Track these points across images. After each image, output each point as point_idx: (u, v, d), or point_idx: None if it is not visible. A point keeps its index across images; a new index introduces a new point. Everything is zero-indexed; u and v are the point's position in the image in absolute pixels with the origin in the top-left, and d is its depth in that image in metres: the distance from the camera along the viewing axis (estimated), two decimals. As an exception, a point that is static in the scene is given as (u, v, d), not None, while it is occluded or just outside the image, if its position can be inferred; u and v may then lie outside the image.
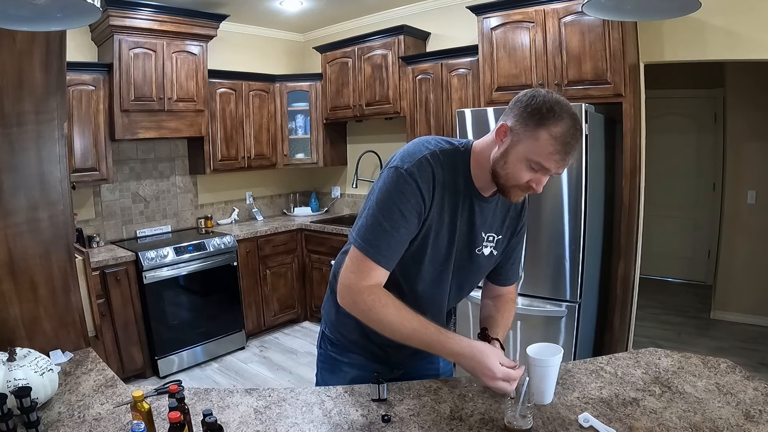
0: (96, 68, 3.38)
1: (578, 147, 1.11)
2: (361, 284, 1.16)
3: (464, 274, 1.33)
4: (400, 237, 1.16)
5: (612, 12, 1.50)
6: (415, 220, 1.16)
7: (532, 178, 1.13)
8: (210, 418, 1.03)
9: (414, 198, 1.14)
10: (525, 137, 1.10)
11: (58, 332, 1.67)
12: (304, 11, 4.19)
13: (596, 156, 2.75)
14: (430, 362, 1.51)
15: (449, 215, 1.21)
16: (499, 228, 1.33)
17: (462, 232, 1.25)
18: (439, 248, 1.24)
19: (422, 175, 1.15)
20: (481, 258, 1.31)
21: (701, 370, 1.39)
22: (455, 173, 1.20)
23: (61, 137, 1.65)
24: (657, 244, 4.85)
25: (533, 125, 1.09)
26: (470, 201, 1.24)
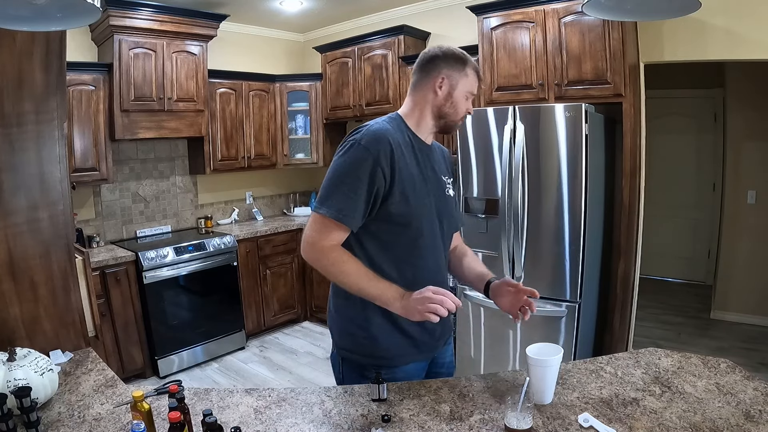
0: (96, 68, 3.38)
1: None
2: (323, 243, 1.29)
3: (446, 218, 1.46)
4: (359, 197, 1.27)
5: (612, 12, 1.50)
6: (372, 180, 1.26)
7: (468, 106, 1.42)
8: (210, 418, 1.03)
9: (367, 162, 1.26)
10: (460, 78, 1.38)
11: (58, 332, 1.67)
12: (304, 11, 4.19)
13: (596, 156, 2.75)
14: (447, 344, 1.58)
15: (416, 166, 1.37)
16: (447, 171, 1.53)
17: (431, 178, 1.41)
18: (421, 197, 1.36)
19: (376, 140, 1.28)
20: (450, 199, 1.49)
21: (701, 370, 1.39)
22: (402, 133, 1.38)
23: (61, 137, 1.65)
24: (657, 244, 4.84)
25: (461, 67, 1.38)
26: (423, 152, 1.41)
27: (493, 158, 2.88)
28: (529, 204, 2.77)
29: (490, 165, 2.89)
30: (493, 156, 2.87)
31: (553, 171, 2.67)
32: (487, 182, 2.92)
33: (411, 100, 1.42)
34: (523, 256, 2.81)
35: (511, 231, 2.83)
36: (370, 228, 1.34)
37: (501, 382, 1.39)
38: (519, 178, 2.77)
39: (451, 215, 1.49)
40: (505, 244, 2.86)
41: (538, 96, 3.01)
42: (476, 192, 2.97)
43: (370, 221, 1.32)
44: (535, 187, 2.74)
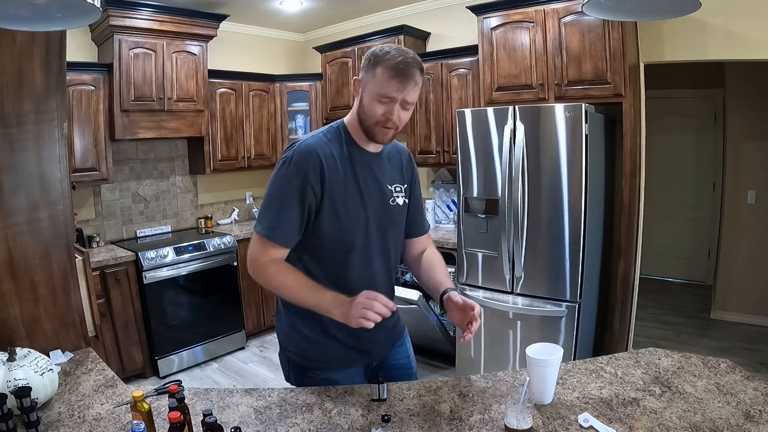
0: (96, 68, 3.38)
1: (415, 73, 1.27)
2: (262, 259, 1.32)
3: (388, 229, 1.43)
4: (290, 215, 1.29)
5: (612, 12, 1.50)
6: (303, 198, 1.28)
7: (385, 111, 1.28)
8: (210, 418, 1.03)
9: (296, 179, 1.27)
10: (369, 79, 1.29)
11: (58, 332, 1.67)
12: (304, 11, 4.19)
13: (596, 156, 2.75)
14: (401, 345, 1.58)
15: (352, 179, 1.34)
16: (401, 178, 1.48)
17: (371, 189, 1.38)
18: (353, 211, 1.34)
19: (304, 157, 1.29)
20: (397, 209, 1.45)
21: (701, 370, 1.39)
22: (341, 144, 1.35)
23: (61, 137, 1.65)
24: (657, 244, 4.84)
25: (372, 67, 1.28)
26: (363, 163, 1.37)
27: (493, 158, 2.88)
28: (529, 204, 2.77)
29: (490, 165, 2.89)
30: (493, 156, 2.87)
31: (553, 171, 2.67)
32: (487, 182, 2.92)
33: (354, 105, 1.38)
34: (523, 256, 2.81)
35: (511, 231, 2.83)
36: (306, 242, 1.35)
37: (501, 382, 1.39)
38: (519, 178, 2.77)
39: (398, 224, 1.46)
40: (505, 244, 2.86)
41: (538, 96, 3.01)
42: (476, 192, 2.97)
43: (306, 236, 1.34)
44: (535, 187, 2.74)
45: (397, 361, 1.55)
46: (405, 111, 1.30)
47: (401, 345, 1.58)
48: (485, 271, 2.99)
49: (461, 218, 3.06)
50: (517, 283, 2.87)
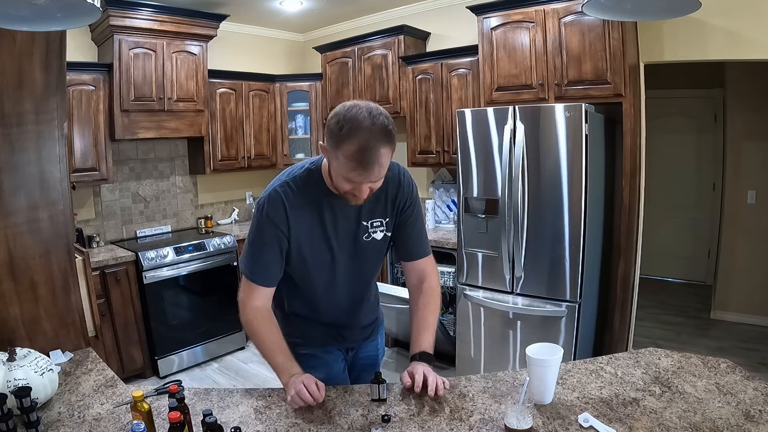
0: (96, 68, 3.38)
1: (381, 153, 1.18)
2: (247, 302, 1.42)
3: (362, 263, 1.48)
4: (267, 259, 1.38)
5: (612, 12, 1.50)
6: (275, 242, 1.36)
7: (351, 189, 1.25)
8: (210, 418, 1.03)
9: (268, 226, 1.35)
10: (332, 157, 1.24)
11: (58, 332, 1.67)
12: (304, 11, 4.19)
13: (596, 156, 2.75)
14: (373, 340, 1.70)
15: (317, 222, 1.38)
16: (383, 212, 1.44)
17: (341, 229, 1.40)
18: (319, 252, 1.41)
19: (273, 206, 1.34)
20: (374, 243, 1.46)
21: (701, 370, 1.39)
22: (311, 189, 1.36)
23: (61, 137, 1.65)
24: (657, 244, 4.84)
25: (333, 147, 1.21)
26: (333, 203, 1.37)
27: (493, 158, 2.88)
28: (529, 204, 2.77)
29: (490, 165, 2.89)
30: (493, 156, 2.87)
31: (553, 171, 2.67)
32: (487, 182, 2.92)
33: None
34: (523, 256, 2.81)
35: (511, 231, 2.83)
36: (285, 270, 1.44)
37: (501, 382, 1.39)
38: (519, 178, 2.77)
39: (374, 256, 1.48)
40: (505, 244, 2.86)
41: (538, 96, 3.02)
42: (476, 192, 2.97)
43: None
44: (535, 187, 2.74)
45: (367, 354, 1.67)
46: (376, 183, 1.26)
47: (373, 340, 1.69)
48: (485, 271, 2.99)
49: (461, 218, 3.06)
50: (517, 283, 2.87)
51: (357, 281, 1.52)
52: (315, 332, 1.55)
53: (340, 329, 1.57)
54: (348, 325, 1.57)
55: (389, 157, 1.23)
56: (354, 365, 1.66)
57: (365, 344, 1.67)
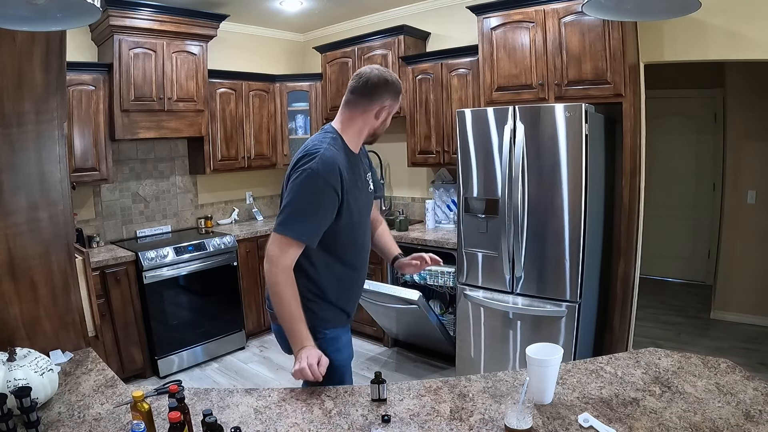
0: (96, 68, 3.38)
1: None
2: (281, 260, 1.46)
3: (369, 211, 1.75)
4: (320, 220, 1.49)
5: (612, 12, 1.50)
6: (332, 204, 1.49)
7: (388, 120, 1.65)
8: (210, 418, 1.03)
9: (327, 192, 1.47)
10: (393, 103, 1.62)
11: (58, 332, 1.67)
12: (304, 11, 4.19)
13: (596, 156, 2.75)
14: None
15: (355, 180, 1.58)
16: (368, 168, 1.75)
17: (362, 183, 1.65)
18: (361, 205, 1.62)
19: (328, 168, 1.46)
20: (371, 193, 1.73)
21: (701, 370, 1.39)
22: (344, 151, 1.57)
23: (61, 137, 1.65)
24: (657, 244, 4.84)
25: (397, 93, 1.61)
26: (356, 162, 1.62)
27: (493, 158, 2.88)
28: (529, 204, 2.77)
29: (490, 165, 2.89)
30: (493, 156, 2.87)
31: (553, 171, 2.67)
32: (487, 182, 2.92)
33: (347, 118, 1.59)
34: (523, 256, 2.81)
35: (511, 231, 2.83)
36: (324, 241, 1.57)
37: (501, 382, 1.39)
38: (519, 178, 2.77)
39: (370, 208, 1.75)
40: (505, 244, 2.86)
41: (538, 96, 3.02)
42: (476, 192, 2.97)
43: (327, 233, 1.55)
44: (535, 187, 2.74)
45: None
46: None
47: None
48: (485, 271, 2.99)
49: (461, 218, 3.06)
50: (517, 283, 2.87)
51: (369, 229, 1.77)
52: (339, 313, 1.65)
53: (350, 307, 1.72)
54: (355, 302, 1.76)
55: None
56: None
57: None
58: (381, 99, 1.57)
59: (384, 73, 1.57)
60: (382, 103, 1.58)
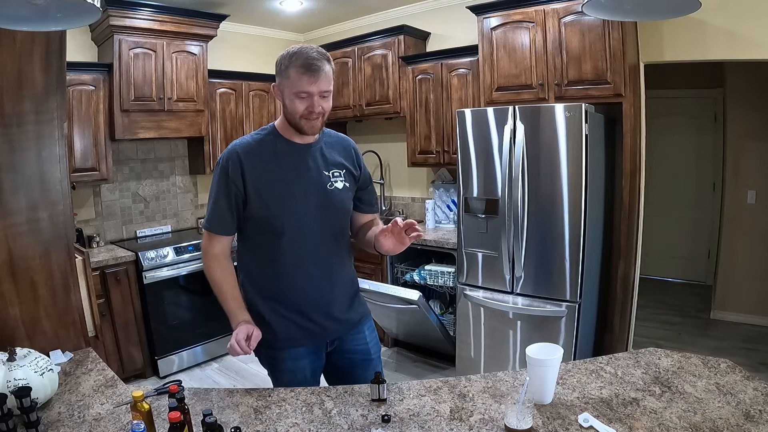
0: (96, 68, 3.38)
1: (324, 65, 1.42)
2: (208, 249, 1.55)
3: (330, 211, 1.55)
4: (221, 208, 1.49)
5: (612, 12, 1.50)
6: (230, 193, 1.47)
7: (307, 105, 1.43)
8: (210, 418, 1.03)
9: (223, 179, 1.48)
10: (284, 82, 1.45)
11: (58, 332, 1.67)
12: (304, 11, 4.19)
13: (596, 156, 2.75)
14: (358, 332, 1.65)
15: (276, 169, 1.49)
16: (341, 164, 1.59)
17: (302, 176, 1.51)
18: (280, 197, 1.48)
19: (226, 158, 1.48)
20: (337, 192, 1.55)
21: (701, 370, 1.39)
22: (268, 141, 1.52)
23: (61, 137, 1.65)
24: (657, 244, 4.84)
25: (284, 70, 1.44)
26: (292, 152, 1.52)
27: (493, 158, 2.88)
28: (529, 204, 2.77)
29: (490, 165, 2.89)
30: (493, 156, 2.87)
31: (553, 171, 2.67)
32: (487, 182, 2.92)
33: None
34: (523, 256, 2.81)
35: (511, 231, 2.83)
36: (243, 231, 1.56)
37: (501, 382, 1.39)
38: (519, 178, 2.77)
39: (339, 207, 1.57)
40: (505, 244, 2.86)
41: (538, 96, 3.01)
42: (476, 192, 2.97)
43: (243, 226, 1.54)
44: (535, 187, 2.74)
45: (354, 347, 1.63)
46: (325, 99, 1.45)
47: (358, 333, 1.65)
48: (485, 271, 2.99)
49: (461, 218, 3.06)
50: (517, 283, 2.87)
51: (332, 232, 1.56)
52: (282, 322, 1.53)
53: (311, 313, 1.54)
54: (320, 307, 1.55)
55: (332, 74, 1.45)
56: (342, 364, 1.62)
57: (349, 338, 1.62)
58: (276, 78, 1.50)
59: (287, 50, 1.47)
60: (274, 82, 1.52)
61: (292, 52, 1.43)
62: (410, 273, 3.59)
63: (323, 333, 1.57)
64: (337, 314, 1.58)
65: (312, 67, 1.39)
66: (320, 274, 1.54)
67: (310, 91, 1.41)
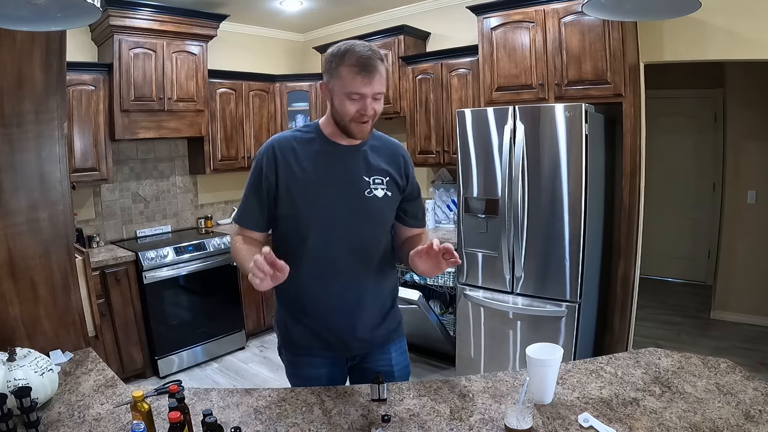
0: (96, 68, 3.38)
1: (378, 65, 1.32)
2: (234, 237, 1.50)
3: (364, 220, 1.43)
4: (251, 202, 1.45)
5: (612, 12, 1.50)
6: (261, 187, 1.42)
7: (359, 108, 1.33)
8: (210, 418, 1.03)
9: (257, 172, 1.43)
10: (334, 81, 1.33)
11: (58, 332, 1.67)
12: (304, 11, 4.19)
13: (596, 156, 2.75)
14: (383, 353, 1.54)
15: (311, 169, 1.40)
16: (385, 171, 1.46)
17: (339, 180, 1.41)
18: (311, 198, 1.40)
19: (262, 152, 1.43)
20: (376, 200, 1.43)
21: (701, 370, 1.39)
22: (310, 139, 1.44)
23: (61, 137, 1.65)
24: (657, 244, 4.84)
25: (334, 69, 1.32)
26: (333, 153, 1.43)
27: (493, 158, 2.88)
28: (529, 204, 2.77)
29: (490, 165, 2.89)
30: (493, 156, 2.87)
31: (553, 171, 2.67)
32: (487, 182, 2.92)
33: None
34: (523, 256, 2.81)
35: (511, 231, 2.83)
36: (274, 230, 1.49)
37: (501, 382, 1.39)
38: (519, 178, 2.77)
39: (375, 215, 1.44)
40: (505, 244, 2.86)
41: (538, 96, 3.01)
42: (476, 192, 2.97)
43: (275, 224, 1.47)
44: (535, 187, 2.74)
45: (376, 366, 1.51)
46: (377, 102, 1.35)
47: (384, 353, 1.54)
48: (485, 271, 2.99)
49: (461, 218, 3.06)
50: (517, 283, 2.87)
51: (360, 241, 1.43)
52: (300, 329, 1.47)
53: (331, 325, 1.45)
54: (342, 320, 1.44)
55: (385, 78, 1.35)
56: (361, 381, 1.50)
57: (373, 355, 1.52)
58: (323, 75, 1.38)
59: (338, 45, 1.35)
60: (323, 79, 1.39)
61: (344, 49, 1.31)
62: (410, 273, 3.59)
63: (343, 348, 1.49)
64: (361, 331, 1.47)
65: (367, 66, 1.29)
66: (345, 284, 1.43)
67: (364, 92, 1.30)
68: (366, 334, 1.48)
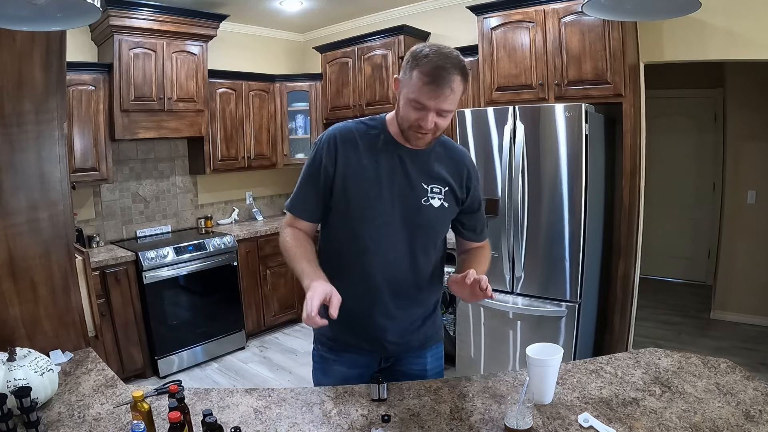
0: (96, 68, 3.38)
1: (453, 81, 1.20)
2: (285, 227, 1.45)
3: (416, 228, 1.38)
4: (307, 190, 1.40)
5: (612, 12, 1.50)
6: (317, 177, 1.37)
7: (418, 117, 1.24)
8: (210, 418, 1.03)
9: (315, 161, 1.38)
10: (405, 81, 1.25)
11: (58, 332, 1.67)
12: (304, 11, 4.19)
13: (596, 156, 2.75)
14: (418, 357, 1.52)
15: (371, 166, 1.35)
16: (445, 181, 1.40)
17: (397, 181, 1.35)
18: (366, 195, 1.34)
19: (323, 140, 1.38)
20: (431, 210, 1.37)
21: (701, 370, 1.39)
22: (375, 133, 1.37)
23: (61, 137, 1.65)
24: (657, 244, 4.84)
25: (409, 69, 1.23)
26: (396, 153, 1.36)
27: (493, 158, 2.88)
28: (529, 204, 2.77)
29: (490, 165, 2.89)
30: (493, 156, 2.87)
31: (553, 171, 2.67)
32: (487, 182, 2.92)
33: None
34: (523, 256, 2.81)
35: (511, 231, 2.83)
36: (323, 226, 1.45)
37: (501, 382, 1.39)
38: (519, 178, 2.77)
39: (429, 226, 1.39)
40: (505, 244, 2.86)
41: (538, 96, 3.01)
42: (476, 192, 2.97)
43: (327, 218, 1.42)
44: (535, 187, 2.74)
45: (409, 369, 1.50)
46: (442, 118, 1.25)
47: (419, 357, 1.51)
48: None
49: (461, 218, 3.05)
50: (517, 283, 2.87)
51: (410, 249, 1.38)
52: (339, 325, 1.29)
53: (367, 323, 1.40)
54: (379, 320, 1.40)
55: (460, 92, 1.24)
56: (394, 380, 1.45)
57: (408, 359, 1.50)
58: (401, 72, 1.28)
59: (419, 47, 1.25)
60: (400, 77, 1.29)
61: (425, 52, 1.21)
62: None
63: (379, 348, 1.45)
64: (395, 336, 1.43)
65: (438, 79, 1.18)
66: (388, 288, 1.39)
67: (427, 105, 1.21)
68: (400, 337, 1.45)
